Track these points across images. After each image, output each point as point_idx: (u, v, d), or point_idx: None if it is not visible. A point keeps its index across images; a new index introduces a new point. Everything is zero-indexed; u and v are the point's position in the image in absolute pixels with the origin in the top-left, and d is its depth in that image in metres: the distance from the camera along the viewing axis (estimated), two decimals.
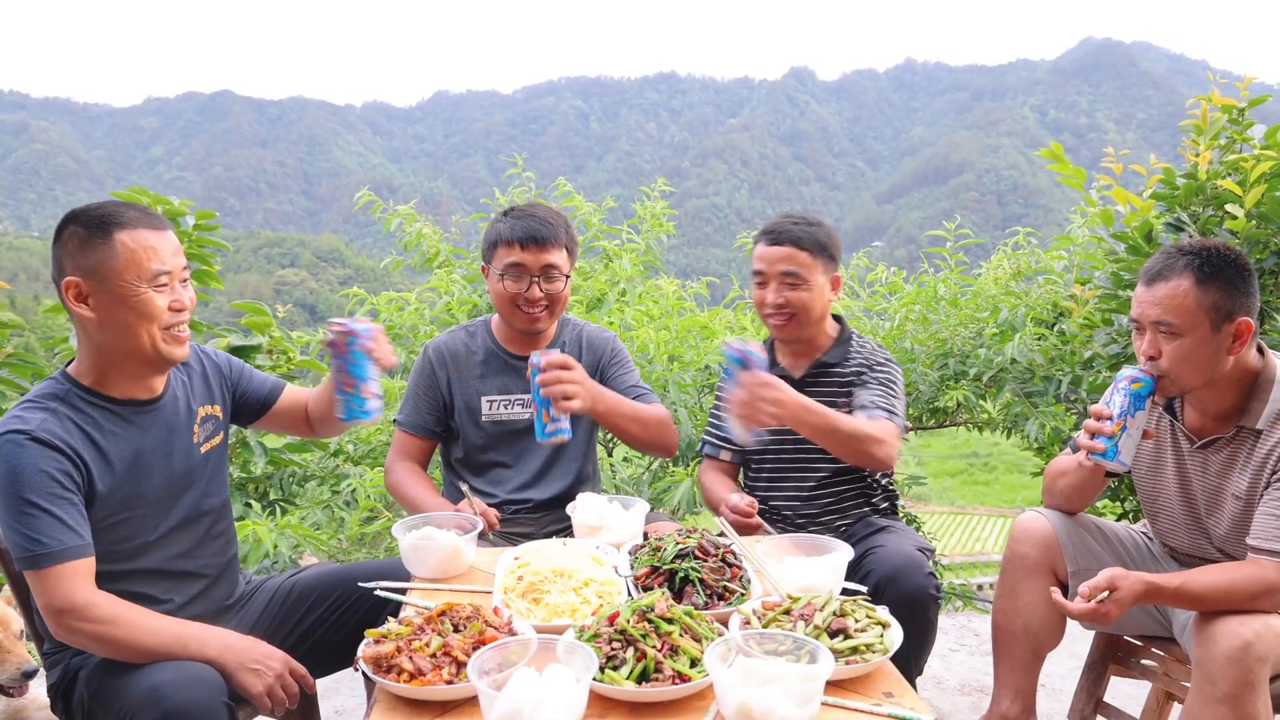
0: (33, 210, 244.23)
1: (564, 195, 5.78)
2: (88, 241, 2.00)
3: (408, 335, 5.21)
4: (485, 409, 2.96)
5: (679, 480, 4.43)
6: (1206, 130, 3.86)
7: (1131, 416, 2.27)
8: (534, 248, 2.83)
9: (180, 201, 3.72)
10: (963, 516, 41.19)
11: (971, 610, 4.93)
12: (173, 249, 2.08)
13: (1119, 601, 2.14)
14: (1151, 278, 2.28)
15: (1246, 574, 2.17)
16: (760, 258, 2.91)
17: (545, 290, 2.86)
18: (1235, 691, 2.05)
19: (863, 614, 1.90)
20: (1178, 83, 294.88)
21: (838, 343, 2.98)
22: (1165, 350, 2.25)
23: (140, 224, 2.03)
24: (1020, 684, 2.59)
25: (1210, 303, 2.20)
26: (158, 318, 2.04)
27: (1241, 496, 2.30)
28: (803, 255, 2.84)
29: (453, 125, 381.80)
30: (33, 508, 1.91)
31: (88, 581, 1.95)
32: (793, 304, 2.85)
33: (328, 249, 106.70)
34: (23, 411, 2.00)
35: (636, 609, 1.79)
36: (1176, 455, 2.45)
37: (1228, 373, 2.27)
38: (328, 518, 4.67)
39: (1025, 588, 2.55)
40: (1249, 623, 2.09)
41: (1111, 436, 2.28)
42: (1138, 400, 2.27)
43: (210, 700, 1.83)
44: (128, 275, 2.00)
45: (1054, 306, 4.88)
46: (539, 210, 2.92)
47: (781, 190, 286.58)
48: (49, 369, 3.54)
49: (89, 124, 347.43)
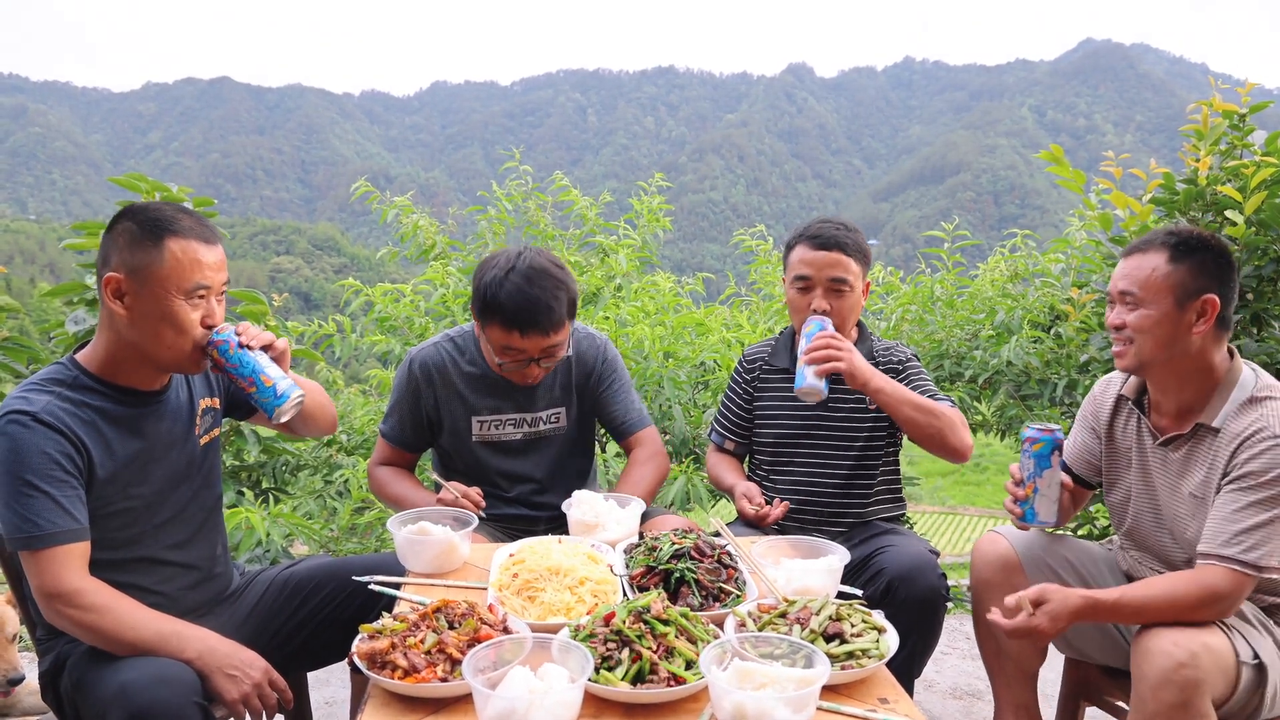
0: (30, 194, 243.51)
1: (561, 190, 5.77)
2: (138, 241, 2.00)
3: (402, 327, 5.19)
4: (475, 429, 2.86)
5: (673, 477, 4.42)
6: (1207, 135, 3.85)
7: (1039, 476, 2.33)
8: (535, 335, 2.58)
9: (178, 188, 3.70)
10: (954, 517, 41.21)
11: (962, 612, 4.92)
12: (218, 263, 2.09)
13: (1051, 615, 2.10)
14: (1128, 252, 2.31)
15: (1191, 581, 2.12)
16: (807, 262, 2.83)
17: (545, 366, 2.70)
18: (1166, 715, 1.99)
19: (859, 618, 1.89)
20: (1176, 86, 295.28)
21: (860, 339, 2.95)
22: (1128, 320, 2.26)
23: (193, 234, 2.03)
24: (1020, 699, 2.58)
25: (1178, 279, 2.21)
26: (188, 331, 2.05)
27: (1199, 495, 2.27)
28: (850, 262, 2.81)
29: (450, 116, 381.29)
30: (31, 489, 1.91)
31: (81, 567, 1.95)
32: (838, 312, 2.82)
33: (323, 237, 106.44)
34: (27, 393, 2.00)
35: (632, 609, 1.78)
36: (1140, 452, 2.43)
37: (1193, 361, 2.26)
38: (320, 507, 4.67)
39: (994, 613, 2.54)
40: (1185, 641, 2.02)
41: (1026, 500, 2.34)
42: (1041, 460, 2.32)
43: (179, 701, 1.81)
44: (169, 283, 2.00)
45: (1051, 309, 4.88)
46: (539, 288, 2.56)
47: (778, 187, 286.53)
48: (44, 353, 3.53)
49: (87, 108, 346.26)
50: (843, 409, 2.92)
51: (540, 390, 2.86)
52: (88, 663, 1.98)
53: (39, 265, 66.77)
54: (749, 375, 3.09)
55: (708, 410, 4.77)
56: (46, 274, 55.86)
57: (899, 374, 2.87)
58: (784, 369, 2.99)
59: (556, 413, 2.91)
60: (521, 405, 2.86)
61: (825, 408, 2.89)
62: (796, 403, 2.83)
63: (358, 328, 5.27)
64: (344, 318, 5.19)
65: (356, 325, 5.27)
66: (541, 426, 2.89)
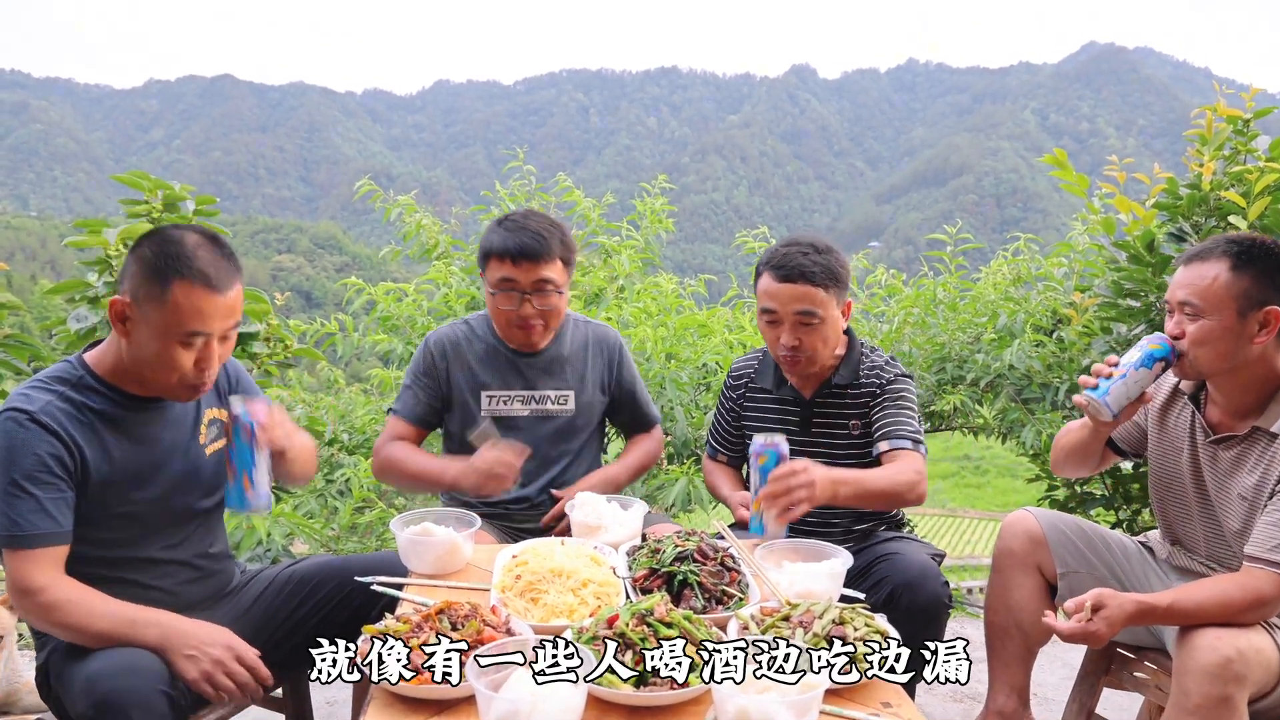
0: (31, 190, 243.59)
1: (564, 190, 5.77)
2: (146, 275, 2.00)
3: (405, 327, 5.19)
4: (485, 404, 2.93)
5: (674, 478, 4.42)
6: (1211, 140, 3.85)
7: (1135, 369, 2.27)
8: (526, 264, 2.75)
9: (180, 186, 3.70)
10: (954, 519, 41.27)
11: (962, 615, 4.93)
12: (226, 309, 2.06)
13: (1109, 620, 2.13)
14: (1188, 259, 2.29)
15: (1239, 585, 2.15)
16: (771, 295, 2.70)
17: (538, 307, 2.80)
18: (1208, 706, 2.02)
19: (862, 622, 1.89)
20: (1179, 90, 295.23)
21: (845, 362, 2.85)
22: (1188, 331, 2.25)
23: (201, 280, 2.00)
24: (1015, 680, 2.60)
25: (1240, 289, 2.19)
26: (175, 370, 2.05)
27: (1248, 497, 2.28)
28: (818, 293, 2.65)
29: (453, 115, 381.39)
30: (18, 489, 1.93)
31: (54, 567, 1.97)
32: (807, 347, 2.71)
33: (325, 236, 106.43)
34: (30, 390, 2.02)
35: (635, 612, 1.78)
36: (1191, 446, 2.44)
37: (1253, 366, 2.26)
38: (321, 506, 4.67)
39: (1015, 584, 2.56)
40: (1232, 639, 2.06)
41: (1109, 377, 2.30)
42: (1148, 359, 2.27)
43: (144, 689, 1.81)
44: (166, 325, 2.00)
45: (1053, 313, 4.87)
46: (533, 221, 2.82)
47: (780, 188, 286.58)
48: (45, 350, 3.53)
49: (89, 105, 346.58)
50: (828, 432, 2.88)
51: (550, 368, 2.96)
52: (63, 657, 2.00)
53: (40, 262, 66.84)
54: (735, 393, 3.04)
55: (709, 412, 4.77)
56: (48, 271, 55.91)
57: (875, 398, 2.81)
58: (767, 389, 2.95)
59: (564, 394, 2.97)
60: (530, 383, 2.93)
61: (810, 429, 2.87)
62: (782, 420, 2.87)
63: (360, 327, 5.27)
64: (346, 316, 5.19)
65: (359, 324, 5.27)
66: (549, 405, 2.95)
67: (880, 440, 2.76)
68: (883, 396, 2.81)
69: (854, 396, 2.84)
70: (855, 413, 2.84)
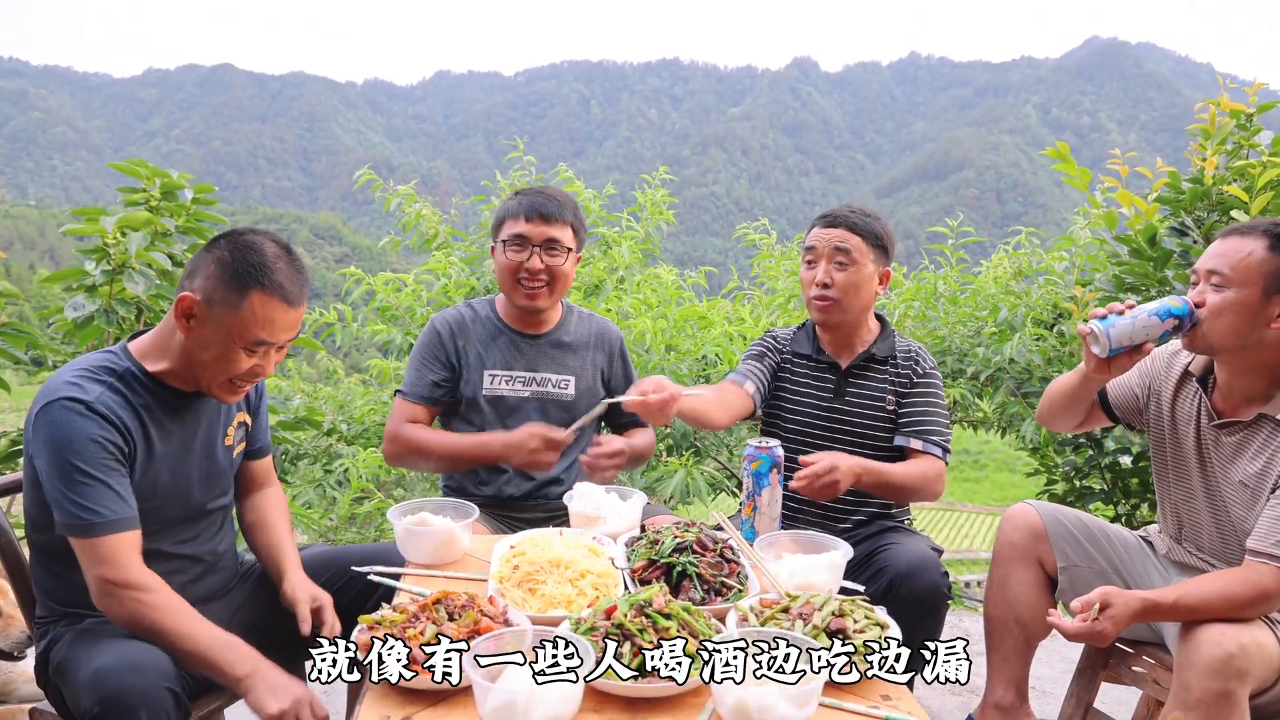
0: (30, 179, 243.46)
1: (565, 181, 5.75)
2: (224, 279, 2.00)
3: (404, 317, 5.18)
4: (487, 383, 2.93)
5: (673, 470, 4.41)
6: (1214, 135, 3.84)
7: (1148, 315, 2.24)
8: (539, 220, 2.86)
9: (179, 175, 3.69)
10: (952, 513, 41.27)
11: (960, 608, 4.92)
12: (293, 323, 2.08)
13: (1114, 619, 2.12)
14: (1226, 234, 2.29)
15: (1242, 581, 2.14)
16: (813, 237, 2.92)
17: (546, 263, 2.86)
18: (1209, 701, 2.02)
19: (861, 614, 1.88)
20: (1182, 85, 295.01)
21: (883, 336, 2.97)
22: (1209, 300, 2.25)
23: (278, 293, 2.02)
24: (1013, 673, 2.60)
25: (1272, 269, 2.19)
26: (232, 370, 2.06)
27: (1250, 484, 2.28)
28: (856, 239, 2.84)
29: (453, 106, 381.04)
30: (86, 476, 1.91)
31: (139, 556, 1.96)
32: (839, 285, 2.83)
33: (325, 226, 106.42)
34: (80, 379, 2.00)
35: (634, 603, 1.77)
36: (1196, 430, 2.43)
37: (1264, 350, 2.25)
38: (319, 496, 4.66)
39: (1015, 577, 2.56)
40: (1234, 634, 2.06)
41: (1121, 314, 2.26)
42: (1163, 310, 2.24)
43: (152, 686, 1.79)
44: (236, 330, 2.01)
45: (1054, 307, 4.87)
46: (548, 189, 2.97)
47: (781, 181, 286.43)
48: (43, 339, 3.52)
49: (88, 93, 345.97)
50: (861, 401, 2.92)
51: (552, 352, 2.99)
52: (69, 646, 1.99)
53: (38, 251, 66.77)
54: (779, 353, 3.08)
55: None
56: (46, 260, 55.85)
57: (911, 384, 2.89)
58: (808, 355, 3.01)
59: (566, 379, 2.98)
60: (531, 364, 2.96)
61: (844, 403, 2.92)
62: (817, 386, 2.95)
63: (359, 317, 5.26)
64: (345, 306, 5.18)
65: (358, 314, 5.26)
66: (550, 389, 2.96)
67: (911, 436, 2.84)
68: (919, 385, 2.90)
69: (888, 373, 2.92)
70: (891, 390, 2.91)
